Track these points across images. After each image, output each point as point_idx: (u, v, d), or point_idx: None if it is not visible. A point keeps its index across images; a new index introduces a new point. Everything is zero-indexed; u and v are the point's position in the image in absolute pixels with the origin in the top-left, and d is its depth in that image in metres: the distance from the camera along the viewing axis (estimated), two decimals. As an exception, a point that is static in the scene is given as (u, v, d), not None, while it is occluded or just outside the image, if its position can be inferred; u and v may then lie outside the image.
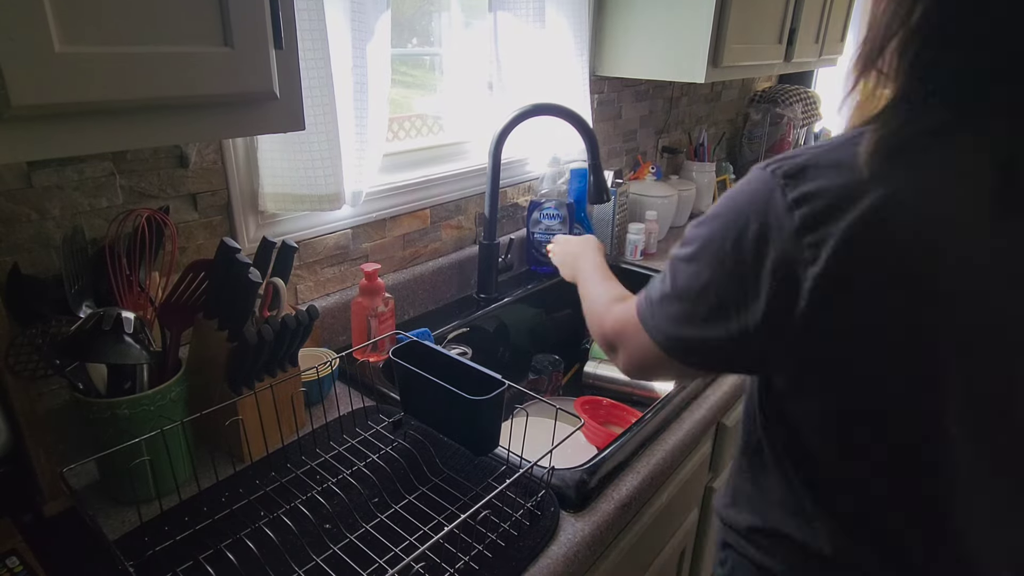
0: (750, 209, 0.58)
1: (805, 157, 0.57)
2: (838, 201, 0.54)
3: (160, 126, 0.59)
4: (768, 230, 0.57)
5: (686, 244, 0.66)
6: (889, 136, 0.54)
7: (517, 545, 0.74)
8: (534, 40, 1.39)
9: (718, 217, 0.62)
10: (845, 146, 0.56)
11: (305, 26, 0.93)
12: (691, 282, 0.64)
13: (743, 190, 0.60)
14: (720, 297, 0.61)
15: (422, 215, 1.36)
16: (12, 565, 0.68)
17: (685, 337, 0.66)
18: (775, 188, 0.57)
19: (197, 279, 0.84)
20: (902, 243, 0.53)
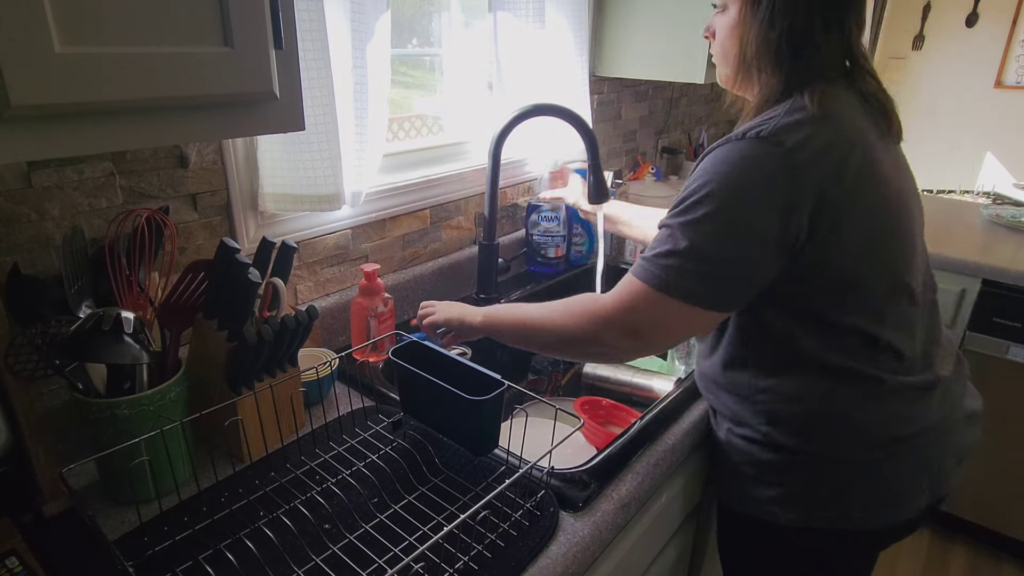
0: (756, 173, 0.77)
1: (770, 124, 0.78)
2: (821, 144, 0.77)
3: (160, 126, 0.59)
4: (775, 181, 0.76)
5: (699, 210, 0.78)
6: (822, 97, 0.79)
7: (517, 545, 0.74)
8: (534, 40, 1.39)
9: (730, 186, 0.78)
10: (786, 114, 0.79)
11: (305, 26, 0.93)
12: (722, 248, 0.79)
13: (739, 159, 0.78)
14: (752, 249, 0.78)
15: (422, 215, 1.36)
16: (12, 565, 0.68)
17: (728, 289, 0.80)
18: (777, 151, 0.76)
19: (197, 279, 0.84)
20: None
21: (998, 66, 3.28)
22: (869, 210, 0.81)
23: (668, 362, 1.36)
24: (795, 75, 0.82)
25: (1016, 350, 1.80)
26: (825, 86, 0.81)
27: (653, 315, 0.82)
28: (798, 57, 0.82)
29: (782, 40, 0.81)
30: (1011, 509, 1.98)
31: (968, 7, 3.06)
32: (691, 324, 0.85)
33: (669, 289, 0.79)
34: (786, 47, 0.82)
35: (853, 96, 0.84)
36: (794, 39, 0.81)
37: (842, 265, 0.81)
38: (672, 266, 0.79)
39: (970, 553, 2.10)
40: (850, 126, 0.81)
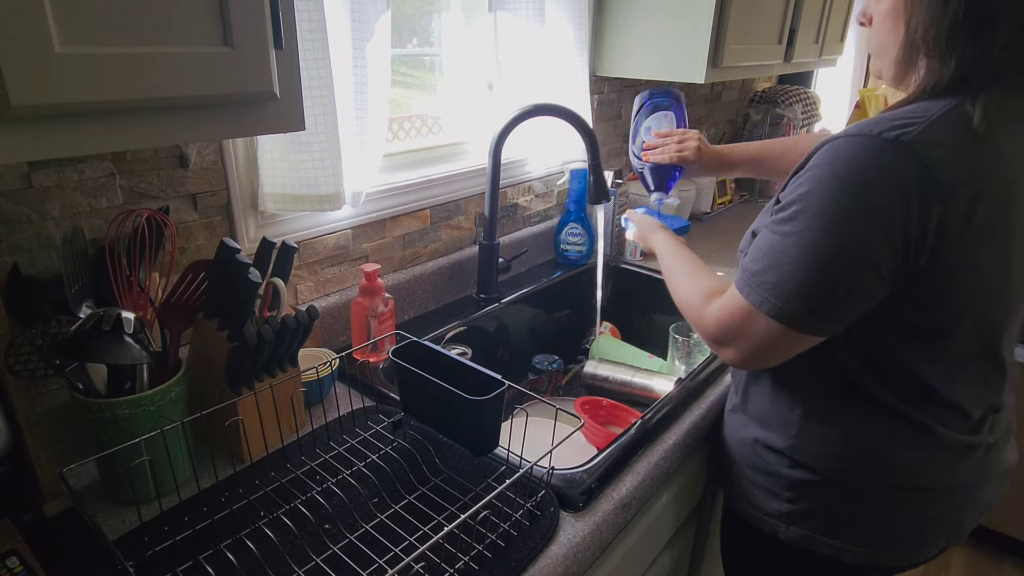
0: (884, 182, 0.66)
1: (918, 126, 0.66)
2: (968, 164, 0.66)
3: (160, 126, 0.59)
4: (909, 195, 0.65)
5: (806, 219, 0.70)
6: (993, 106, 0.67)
7: (517, 545, 0.74)
8: (534, 40, 1.39)
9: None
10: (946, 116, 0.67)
11: (305, 26, 0.93)
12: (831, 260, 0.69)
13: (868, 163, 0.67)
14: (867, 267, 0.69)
15: (422, 215, 1.36)
16: (12, 565, 0.68)
17: (832, 313, 0.72)
18: (914, 160, 0.65)
19: (197, 279, 0.84)
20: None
21: (998, 66, 3.27)
22: (990, 257, 0.71)
23: (668, 362, 1.36)
24: (965, 67, 0.68)
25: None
26: (1002, 95, 0.68)
27: (751, 335, 0.76)
28: (972, 44, 0.67)
29: (956, 20, 0.67)
30: (1011, 509, 1.98)
31: (968, 7, 3.05)
32: (793, 347, 0.76)
33: (771, 310, 0.73)
34: (960, 30, 0.67)
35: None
36: (971, 20, 0.67)
37: (941, 311, 0.72)
38: (770, 283, 0.72)
39: (970, 553, 2.10)
40: (1011, 155, 0.70)
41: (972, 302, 0.73)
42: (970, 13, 0.67)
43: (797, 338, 0.74)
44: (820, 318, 0.72)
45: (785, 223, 0.71)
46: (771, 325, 0.73)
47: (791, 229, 0.70)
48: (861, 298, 0.71)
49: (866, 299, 0.71)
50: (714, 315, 0.80)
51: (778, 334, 0.74)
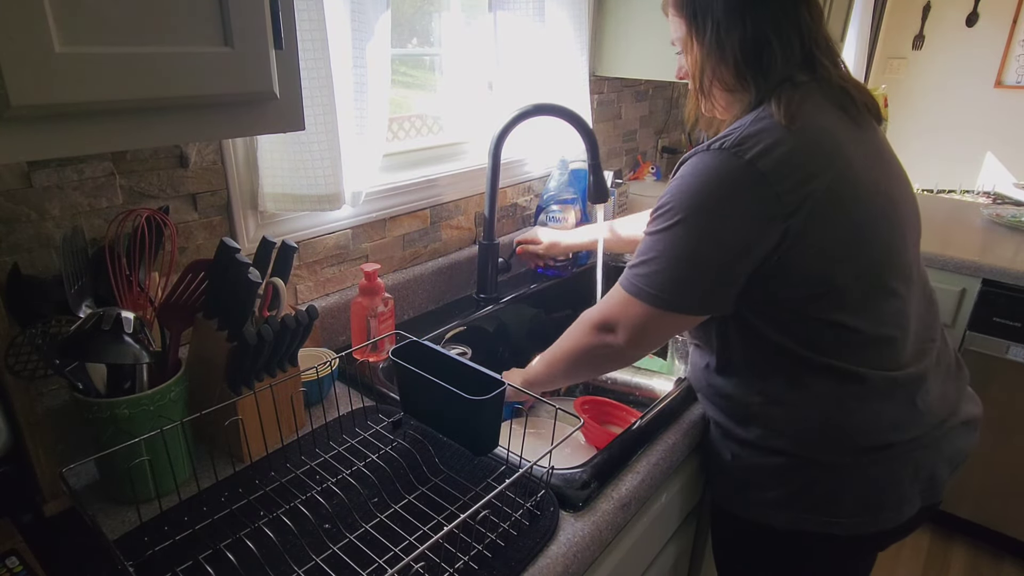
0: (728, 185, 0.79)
1: (735, 134, 0.80)
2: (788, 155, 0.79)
3: (160, 126, 0.59)
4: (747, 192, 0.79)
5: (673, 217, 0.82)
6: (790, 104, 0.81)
7: (517, 545, 0.74)
8: (534, 40, 1.39)
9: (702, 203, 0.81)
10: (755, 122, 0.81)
11: (305, 26, 0.93)
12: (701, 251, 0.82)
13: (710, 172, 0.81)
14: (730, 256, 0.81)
15: (422, 215, 1.36)
16: (12, 565, 0.68)
17: (690, 293, 0.84)
18: (738, 161, 0.78)
19: (197, 279, 0.84)
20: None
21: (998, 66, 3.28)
22: (842, 217, 0.81)
23: (668, 362, 1.36)
24: (762, 83, 0.84)
25: (1016, 350, 1.80)
26: (793, 90, 0.82)
27: (629, 316, 0.87)
28: (760, 65, 0.84)
29: (738, 55, 0.84)
30: (1011, 509, 1.98)
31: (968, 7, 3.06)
32: (667, 325, 0.89)
33: (638, 293, 0.85)
34: (745, 60, 0.84)
35: (824, 93, 0.85)
36: (749, 49, 0.84)
37: (813, 268, 0.81)
38: (642, 273, 0.85)
39: (970, 553, 2.10)
40: (821, 130, 0.81)
41: (839, 251, 0.82)
42: (746, 51, 0.84)
43: (670, 318, 0.86)
44: (686, 298, 0.84)
45: (654, 224, 0.85)
46: (644, 309, 0.85)
47: (658, 228, 0.84)
48: (723, 277, 0.82)
49: (727, 277, 0.82)
50: (597, 309, 0.93)
51: (652, 316, 0.85)
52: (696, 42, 0.88)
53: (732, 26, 0.84)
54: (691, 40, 0.89)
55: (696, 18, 0.87)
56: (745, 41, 0.84)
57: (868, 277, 0.84)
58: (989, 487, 1.94)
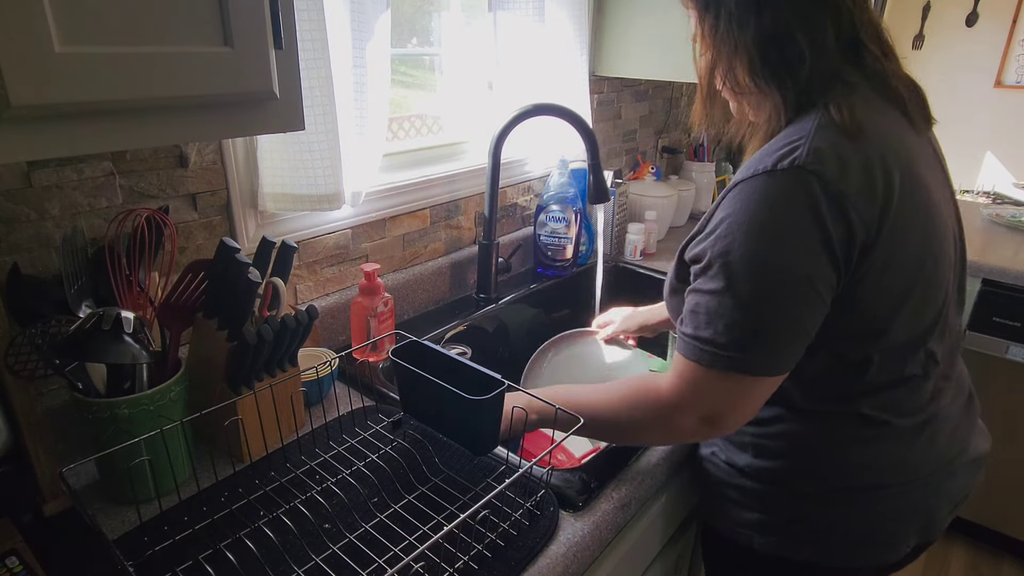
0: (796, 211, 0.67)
1: (802, 147, 0.68)
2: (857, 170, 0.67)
3: (160, 126, 0.59)
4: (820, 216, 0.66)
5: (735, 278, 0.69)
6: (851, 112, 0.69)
7: (516, 545, 0.74)
8: (534, 40, 1.39)
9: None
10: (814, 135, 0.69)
11: (305, 26, 0.93)
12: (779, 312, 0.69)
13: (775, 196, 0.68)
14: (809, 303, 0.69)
15: (422, 215, 1.36)
16: (12, 565, 0.68)
17: (776, 346, 0.70)
18: (808, 178, 0.66)
19: (197, 279, 0.84)
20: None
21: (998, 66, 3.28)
22: (913, 243, 0.71)
23: (668, 362, 1.36)
24: (794, 81, 0.72)
25: (1016, 350, 1.80)
26: (850, 92, 0.71)
27: (737, 399, 0.73)
28: (784, 62, 0.71)
29: (753, 53, 0.72)
30: (1011, 509, 1.98)
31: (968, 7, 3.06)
32: (768, 392, 0.74)
33: (737, 366, 0.70)
34: (763, 58, 0.72)
35: (880, 94, 0.74)
36: (767, 42, 0.71)
37: (878, 306, 0.72)
38: (725, 342, 0.69)
39: (970, 553, 2.10)
40: (889, 142, 0.71)
41: (907, 286, 0.73)
42: (763, 46, 0.71)
43: (762, 383, 0.72)
44: (775, 356, 0.71)
45: (713, 280, 0.70)
46: (732, 379, 0.71)
47: (721, 284, 0.69)
48: (808, 324, 0.71)
49: (812, 324, 0.71)
50: (684, 399, 0.74)
51: (745, 386, 0.72)
52: (707, 37, 0.77)
53: (746, 18, 0.71)
54: (701, 31, 0.78)
55: (708, 9, 0.75)
56: (762, 35, 0.71)
57: (923, 316, 0.75)
58: (989, 487, 1.94)
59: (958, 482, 0.86)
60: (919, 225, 0.72)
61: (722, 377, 0.71)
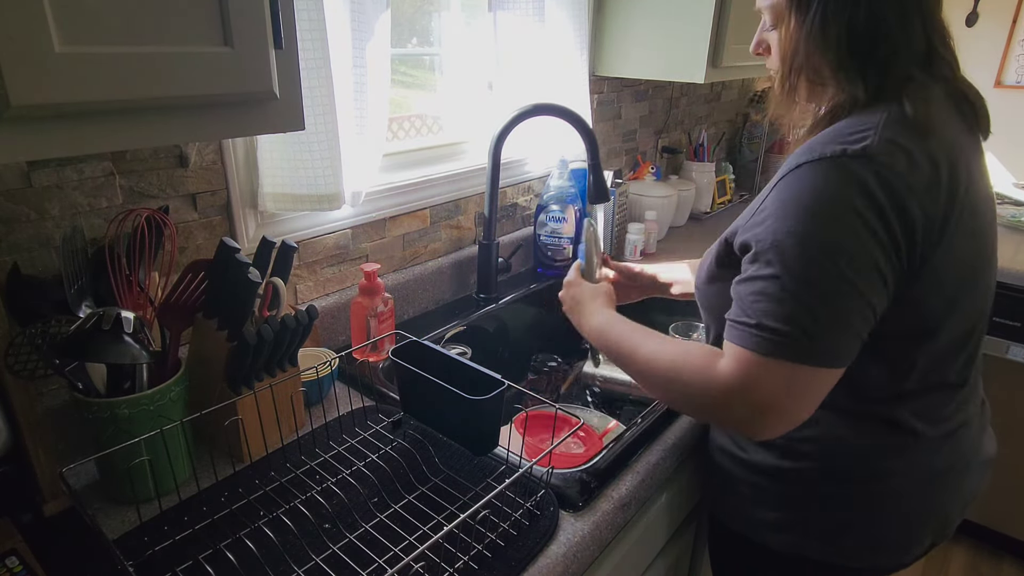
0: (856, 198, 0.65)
1: (872, 137, 0.67)
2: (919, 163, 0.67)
3: (160, 126, 0.59)
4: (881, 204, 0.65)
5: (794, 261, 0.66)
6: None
7: (516, 545, 0.74)
8: (534, 40, 1.39)
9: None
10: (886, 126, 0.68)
11: (305, 26, 0.93)
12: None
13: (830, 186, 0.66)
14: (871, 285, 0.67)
15: (422, 215, 1.36)
16: (12, 565, 0.68)
17: (839, 334, 0.67)
18: (878, 167, 0.65)
19: (197, 279, 0.84)
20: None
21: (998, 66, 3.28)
22: (968, 246, 0.72)
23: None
24: (878, 77, 0.71)
25: (1016, 350, 1.80)
26: (923, 91, 0.70)
27: (778, 385, 0.67)
28: (872, 55, 0.71)
29: (843, 43, 0.71)
30: (1011, 509, 1.98)
31: (968, 7, 3.06)
32: (830, 384, 0.70)
33: (783, 354, 0.66)
34: (852, 50, 0.71)
35: (946, 97, 0.74)
36: (861, 36, 0.70)
37: (934, 306, 0.72)
38: (779, 329, 0.66)
39: (970, 553, 2.10)
40: (955, 145, 0.71)
41: (959, 288, 0.73)
42: (856, 35, 0.70)
43: (823, 374, 0.68)
44: (837, 345, 0.67)
45: (770, 265, 0.67)
46: (791, 369, 0.66)
47: (780, 270, 0.66)
48: (869, 313, 0.68)
49: (874, 313, 0.69)
50: (731, 376, 0.69)
51: (805, 377, 0.67)
52: (795, 19, 0.73)
53: (842, 10, 0.70)
54: (789, 15, 0.74)
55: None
56: (856, 27, 0.70)
57: (969, 320, 0.76)
58: (989, 487, 1.94)
59: (971, 483, 0.87)
60: (974, 231, 0.72)
61: (781, 366, 0.66)
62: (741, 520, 0.91)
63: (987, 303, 0.80)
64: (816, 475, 0.83)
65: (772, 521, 0.87)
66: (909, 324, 0.73)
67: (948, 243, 0.69)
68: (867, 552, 0.84)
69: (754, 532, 0.89)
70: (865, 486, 0.81)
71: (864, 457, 0.80)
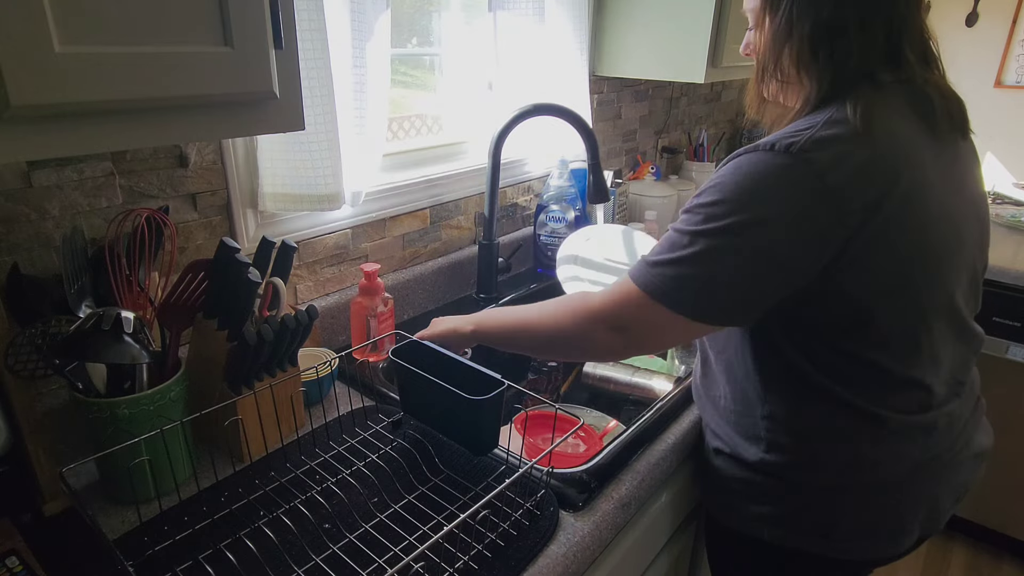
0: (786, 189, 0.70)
1: (804, 136, 0.70)
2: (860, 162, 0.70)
3: (160, 126, 0.59)
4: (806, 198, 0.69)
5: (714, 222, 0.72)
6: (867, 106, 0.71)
7: (517, 545, 0.74)
8: (534, 40, 1.39)
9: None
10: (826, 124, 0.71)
11: (305, 26, 0.93)
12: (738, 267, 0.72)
13: (765, 172, 0.71)
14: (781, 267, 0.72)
15: (422, 215, 1.36)
16: (12, 565, 0.68)
17: (722, 304, 0.74)
18: (805, 170, 0.69)
19: (197, 279, 0.84)
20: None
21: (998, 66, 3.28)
22: (901, 247, 0.73)
23: (668, 362, 1.36)
24: (831, 77, 0.74)
25: (1016, 350, 1.80)
26: (873, 92, 0.73)
27: (641, 317, 0.78)
28: (829, 57, 0.74)
29: (806, 40, 0.74)
30: (1011, 509, 1.98)
31: (968, 7, 3.06)
32: (682, 331, 0.79)
33: (660, 296, 0.75)
34: (812, 49, 0.74)
35: (906, 97, 0.76)
36: (821, 37, 0.74)
37: (857, 299, 0.74)
38: (668, 274, 0.74)
39: (970, 553, 2.10)
40: (897, 144, 0.73)
41: (890, 282, 0.74)
42: (817, 36, 0.74)
43: (692, 327, 0.76)
44: (715, 308, 0.75)
45: (692, 221, 0.74)
46: (666, 315, 0.75)
47: (697, 227, 0.73)
48: (755, 293, 0.74)
49: (760, 294, 0.74)
50: (604, 303, 0.80)
51: (672, 322, 0.76)
52: (768, 19, 0.78)
53: (808, 7, 0.74)
54: (764, 15, 0.79)
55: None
56: (818, 27, 0.73)
57: (912, 315, 0.77)
58: (989, 487, 1.94)
59: (961, 476, 0.88)
60: (917, 227, 0.74)
61: (649, 302, 0.76)
62: (734, 516, 0.93)
63: (944, 298, 0.80)
64: (802, 468, 0.84)
65: (764, 516, 0.88)
66: (837, 314, 0.76)
67: (872, 240, 0.71)
68: (858, 543, 0.85)
69: (748, 527, 0.91)
70: (851, 477, 0.83)
71: (845, 448, 0.82)
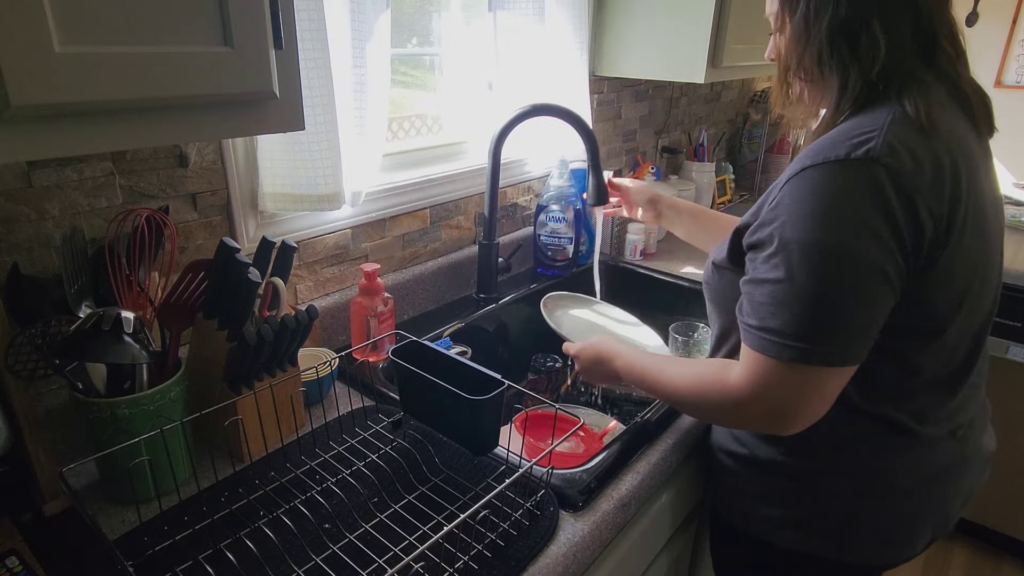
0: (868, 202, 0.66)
1: (877, 139, 0.67)
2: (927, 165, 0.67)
3: (160, 126, 0.59)
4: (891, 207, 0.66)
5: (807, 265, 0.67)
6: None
7: (516, 545, 0.74)
8: (534, 40, 1.39)
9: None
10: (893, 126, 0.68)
11: (305, 26, 0.93)
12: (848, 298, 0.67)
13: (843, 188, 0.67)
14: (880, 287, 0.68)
15: (422, 215, 1.36)
16: (12, 565, 0.68)
17: (845, 336, 0.68)
18: (879, 169, 0.65)
19: (197, 279, 0.84)
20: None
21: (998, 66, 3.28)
22: (973, 246, 0.72)
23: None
24: (856, 76, 0.72)
25: (1016, 350, 1.80)
26: (925, 90, 0.71)
27: (809, 393, 0.70)
28: (855, 53, 0.72)
29: (823, 42, 0.72)
30: (1011, 509, 1.98)
31: (968, 7, 3.06)
32: (834, 383, 0.71)
33: (792, 356, 0.68)
34: (832, 48, 0.72)
35: (947, 93, 0.74)
36: (841, 34, 0.71)
37: (940, 306, 0.72)
38: (787, 331, 0.68)
39: (970, 553, 2.10)
40: (960, 143, 0.71)
41: (966, 288, 0.74)
42: (838, 33, 0.71)
43: (832, 374, 0.70)
44: (844, 346, 0.68)
45: (777, 268, 0.69)
46: (802, 371, 0.69)
47: (787, 273, 0.68)
48: (877, 314, 0.69)
49: (881, 314, 0.70)
50: (756, 395, 0.72)
51: (814, 378, 0.69)
52: (787, 19, 0.76)
53: (824, 4, 0.71)
54: (783, 16, 0.77)
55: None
56: (835, 26, 0.71)
57: (975, 321, 0.77)
58: (989, 487, 1.94)
59: (970, 479, 0.88)
60: (979, 230, 0.73)
61: (792, 368, 0.69)
62: (745, 517, 0.92)
63: (994, 304, 0.81)
64: (822, 472, 0.83)
65: (777, 518, 0.87)
66: (916, 325, 0.73)
67: (955, 244, 0.69)
68: (871, 548, 0.84)
69: (758, 529, 0.90)
70: (870, 484, 0.82)
71: (868, 455, 0.81)
